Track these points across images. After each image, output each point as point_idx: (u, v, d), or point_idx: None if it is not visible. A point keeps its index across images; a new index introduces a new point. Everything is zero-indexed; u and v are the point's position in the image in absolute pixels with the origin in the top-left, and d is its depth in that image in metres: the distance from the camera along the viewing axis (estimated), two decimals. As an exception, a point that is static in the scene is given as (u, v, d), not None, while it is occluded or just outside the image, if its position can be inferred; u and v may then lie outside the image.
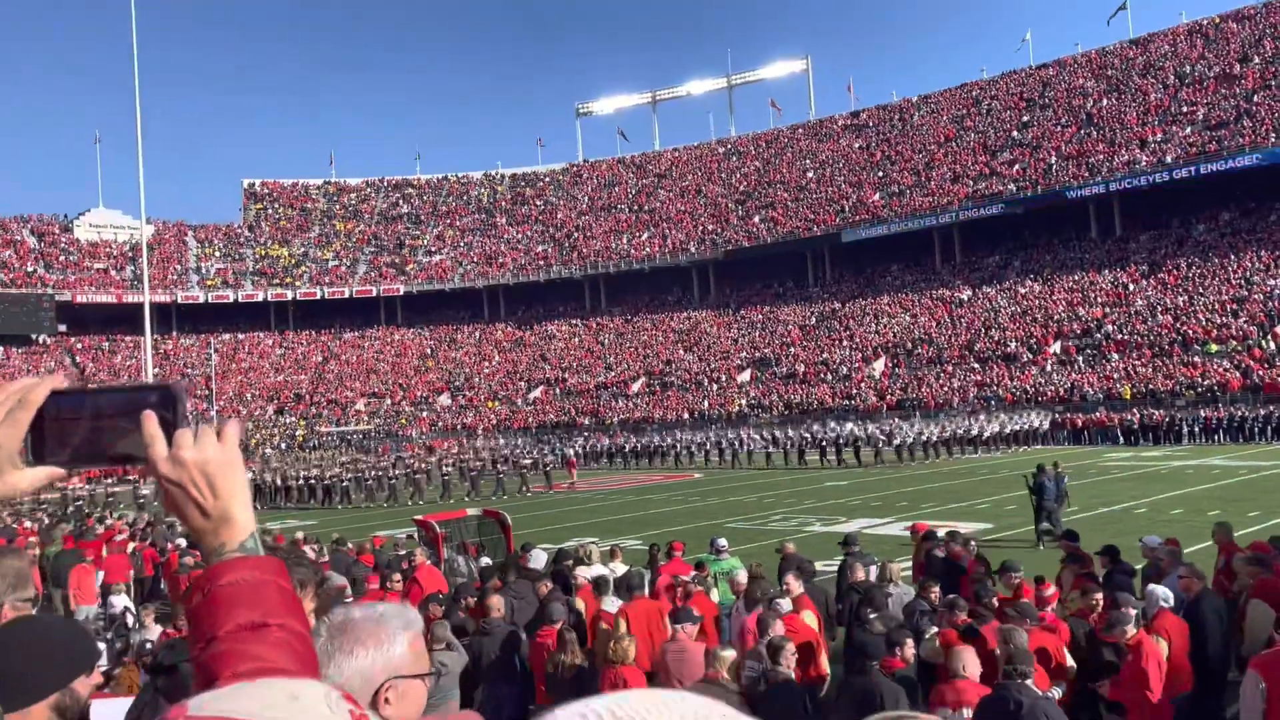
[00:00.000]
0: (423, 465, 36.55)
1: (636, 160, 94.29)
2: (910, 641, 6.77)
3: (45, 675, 1.95)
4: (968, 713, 5.38)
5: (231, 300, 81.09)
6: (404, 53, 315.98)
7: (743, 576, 9.57)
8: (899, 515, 21.12)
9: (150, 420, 1.15)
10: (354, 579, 10.37)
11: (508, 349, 77.91)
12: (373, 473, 36.80)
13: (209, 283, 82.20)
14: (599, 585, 9.43)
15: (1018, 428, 39.89)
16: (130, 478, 38.15)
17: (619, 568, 11.14)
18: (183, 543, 15.09)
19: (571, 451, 43.56)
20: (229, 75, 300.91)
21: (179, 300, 78.95)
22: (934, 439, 37.72)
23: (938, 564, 10.28)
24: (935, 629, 7.35)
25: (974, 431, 38.89)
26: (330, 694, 0.95)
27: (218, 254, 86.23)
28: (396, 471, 36.53)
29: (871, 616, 7.70)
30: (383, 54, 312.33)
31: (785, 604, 7.78)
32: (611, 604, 8.86)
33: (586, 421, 59.61)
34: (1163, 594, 7.46)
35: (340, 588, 8.83)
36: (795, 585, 8.60)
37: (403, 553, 13.03)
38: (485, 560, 12.67)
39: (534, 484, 35.48)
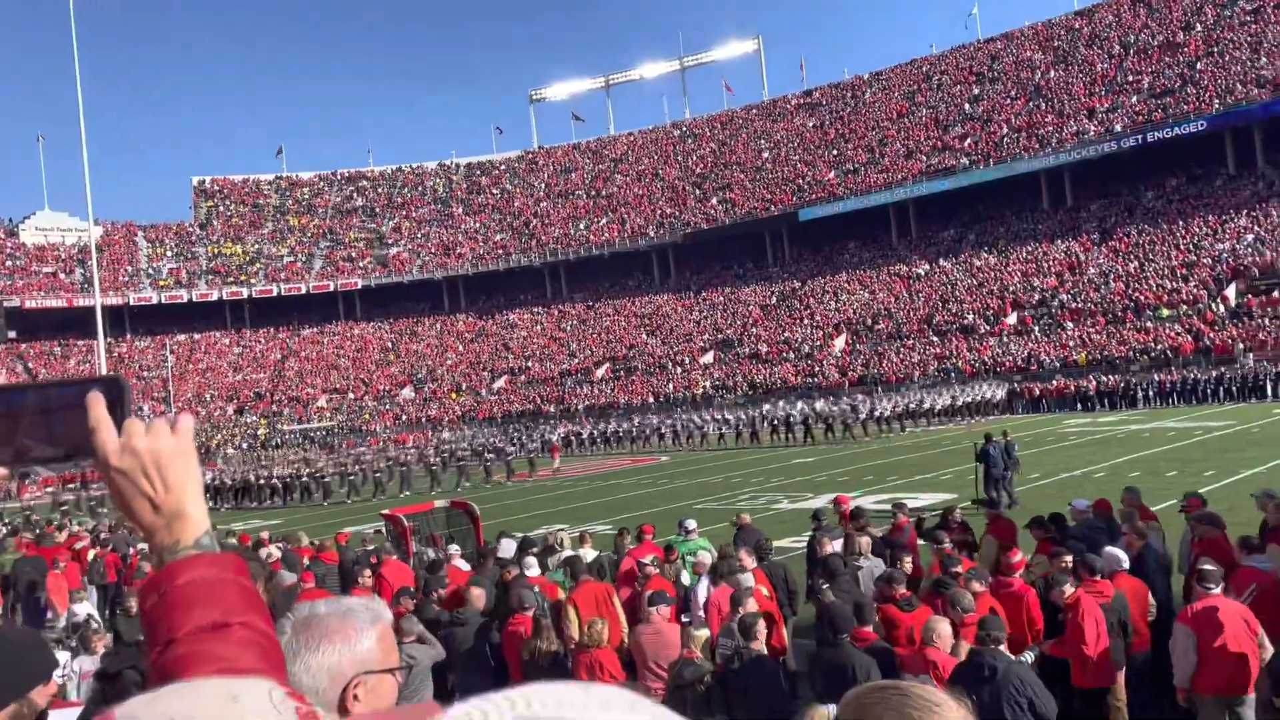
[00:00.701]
0: (406, 457, 36.31)
1: (592, 145, 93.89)
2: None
3: (3, 686, 1.92)
4: (925, 679, 5.43)
5: (186, 300, 79.74)
6: (354, 44, 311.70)
7: (705, 558, 9.67)
8: (865, 489, 21.36)
9: (97, 403, 1.08)
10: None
11: (470, 340, 77.44)
12: (356, 467, 36.48)
13: (162, 283, 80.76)
14: (570, 565, 9.53)
15: (969, 399, 40.30)
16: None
17: (588, 553, 11.17)
18: (144, 547, 14.85)
19: (556, 437, 43.44)
20: (174, 71, 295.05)
21: (132, 302, 77.50)
22: (887, 414, 38.08)
23: (877, 539, 10.40)
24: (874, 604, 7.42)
25: (926, 405, 39.34)
26: (274, 691, 0.91)
27: (169, 254, 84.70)
28: (380, 465, 36.28)
29: (824, 587, 7.79)
30: (332, 46, 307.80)
31: (747, 578, 7.86)
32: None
33: (552, 409, 59.51)
34: (1119, 555, 7.62)
35: (291, 585, 8.80)
36: (748, 560, 8.72)
37: (370, 548, 12.93)
38: (455, 548, 12.56)
39: (519, 470, 35.50)
